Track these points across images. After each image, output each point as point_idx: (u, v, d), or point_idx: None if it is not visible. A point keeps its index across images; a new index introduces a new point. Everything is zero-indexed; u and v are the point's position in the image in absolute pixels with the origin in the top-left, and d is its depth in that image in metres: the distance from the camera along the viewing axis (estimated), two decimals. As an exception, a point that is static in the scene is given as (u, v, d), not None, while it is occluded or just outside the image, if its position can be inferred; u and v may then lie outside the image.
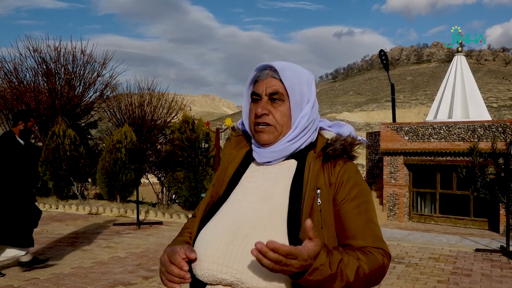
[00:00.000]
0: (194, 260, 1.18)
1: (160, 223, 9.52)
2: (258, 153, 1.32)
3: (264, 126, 1.29)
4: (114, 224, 9.34)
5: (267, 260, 1.01)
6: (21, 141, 5.29)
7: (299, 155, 1.32)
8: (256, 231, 1.18)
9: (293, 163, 1.31)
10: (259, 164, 1.34)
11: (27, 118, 5.30)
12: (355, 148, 1.35)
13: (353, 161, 1.36)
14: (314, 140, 1.34)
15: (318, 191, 1.25)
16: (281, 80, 1.28)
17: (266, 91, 1.29)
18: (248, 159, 1.38)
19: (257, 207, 1.24)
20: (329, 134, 1.37)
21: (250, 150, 1.38)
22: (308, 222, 1.02)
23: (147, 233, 8.47)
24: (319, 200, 1.24)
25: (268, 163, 1.32)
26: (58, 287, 5.05)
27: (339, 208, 1.26)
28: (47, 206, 11.87)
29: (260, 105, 1.29)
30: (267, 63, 1.31)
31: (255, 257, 1.02)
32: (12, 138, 5.21)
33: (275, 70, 1.29)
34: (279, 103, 1.29)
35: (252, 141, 1.36)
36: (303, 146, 1.32)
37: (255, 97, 1.31)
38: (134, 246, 7.31)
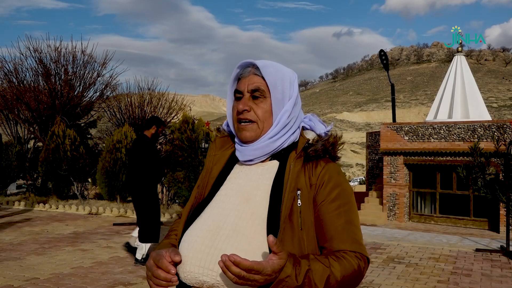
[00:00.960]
0: (179, 262, 1.18)
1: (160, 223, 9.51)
2: (241, 151, 1.31)
3: (246, 123, 1.27)
4: (114, 224, 9.34)
5: (230, 273, 1.01)
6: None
7: (282, 156, 1.30)
8: (237, 233, 1.17)
9: (275, 164, 1.30)
10: (243, 165, 1.32)
11: (159, 124, 6.05)
12: (339, 149, 1.33)
13: (336, 162, 1.34)
14: (297, 140, 1.32)
15: (299, 192, 1.23)
16: (263, 77, 1.27)
17: (248, 88, 1.28)
18: (233, 160, 1.36)
19: (239, 208, 1.22)
20: (311, 135, 1.34)
21: (235, 151, 1.37)
22: (271, 238, 1.01)
23: (147, 233, 8.45)
24: (299, 201, 1.22)
25: (250, 161, 1.30)
26: (58, 287, 5.05)
27: (319, 209, 1.24)
28: (47, 206, 11.86)
29: (241, 102, 1.28)
30: (250, 60, 1.30)
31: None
32: (147, 140, 5.94)
33: (257, 68, 1.28)
34: (261, 100, 1.27)
35: (236, 139, 1.35)
36: (285, 145, 1.30)
37: (238, 95, 1.30)
38: (134, 246, 7.30)
